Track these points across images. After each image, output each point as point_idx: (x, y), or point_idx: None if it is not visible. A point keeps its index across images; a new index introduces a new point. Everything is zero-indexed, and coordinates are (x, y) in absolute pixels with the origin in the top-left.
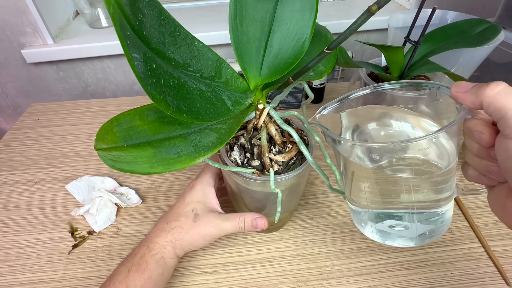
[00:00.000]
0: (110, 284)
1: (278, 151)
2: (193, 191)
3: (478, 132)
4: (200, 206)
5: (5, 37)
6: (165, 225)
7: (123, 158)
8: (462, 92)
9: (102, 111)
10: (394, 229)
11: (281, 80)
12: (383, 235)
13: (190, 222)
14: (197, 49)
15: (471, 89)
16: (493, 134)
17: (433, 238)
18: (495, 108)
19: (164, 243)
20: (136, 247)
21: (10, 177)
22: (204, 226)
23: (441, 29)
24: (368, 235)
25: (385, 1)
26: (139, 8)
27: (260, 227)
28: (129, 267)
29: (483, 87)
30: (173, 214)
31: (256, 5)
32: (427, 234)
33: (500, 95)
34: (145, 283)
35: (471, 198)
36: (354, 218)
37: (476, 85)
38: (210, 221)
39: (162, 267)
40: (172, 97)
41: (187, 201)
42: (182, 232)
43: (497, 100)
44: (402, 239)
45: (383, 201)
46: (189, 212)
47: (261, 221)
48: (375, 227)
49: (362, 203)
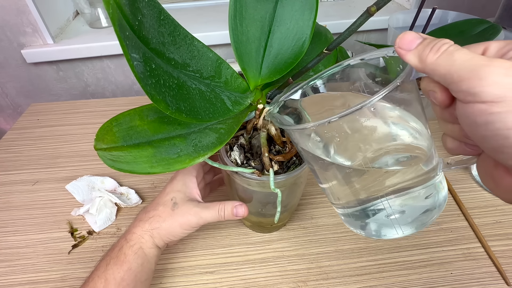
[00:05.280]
0: (89, 280)
1: (277, 151)
2: (174, 181)
3: (431, 92)
4: (179, 195)
5: (5, 37)
6: (144, 215)
7: (122, 158)
8: (405, 49)
9: (101, 111)
10: (390, 218)
11: (281, 80)
12: (382, 229)
13: (168, 211)
14: (197, 49)
15: (416, 49)
16: (446, 91)
17: (434, 217)
18: (439, 75)
19: (141, 232)
20: (116, 241)
21: (10, 177)
22: (182, 214)
23: (441, 29)
24: (368, 234)
25: (384, 2)
26: (139, 8)
27: (241, 214)
28: (108, 261)
29: (426, 50)
30: (153, 204)
31: (256, 5)
32: (427, 213)
33: (442, 59)
34: (125, 275)
35: (471, 198)
36: (348, 222)
37: (422, 44)
38: (188, 210)
39: (142, 257)
40: (172, 97)
41: (167, 191)
42: (160, 221)
43: (439, 65)
44: (403, 227)
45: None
46: (168, 201)
47: (241, 208)
48: (372, 224)
49: (350, 203)
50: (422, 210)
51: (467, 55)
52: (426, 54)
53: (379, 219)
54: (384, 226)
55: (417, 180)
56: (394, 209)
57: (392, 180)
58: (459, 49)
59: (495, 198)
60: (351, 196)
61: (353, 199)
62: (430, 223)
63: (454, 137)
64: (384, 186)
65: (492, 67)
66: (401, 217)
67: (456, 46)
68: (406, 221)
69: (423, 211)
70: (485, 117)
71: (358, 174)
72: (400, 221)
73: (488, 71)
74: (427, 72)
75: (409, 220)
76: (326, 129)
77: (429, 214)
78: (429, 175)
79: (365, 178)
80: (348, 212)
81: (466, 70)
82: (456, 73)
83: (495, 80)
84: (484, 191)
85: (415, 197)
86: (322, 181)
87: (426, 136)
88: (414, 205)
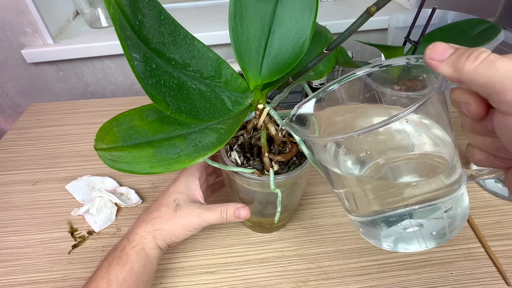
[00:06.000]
0: (92, 280)
1: (278, 151)
2: (177, 182)
3: (464, 104)
4: (182, 197)
5: (5, 37)
6: (146, 216)
7: (123, 158)
8: (437, 60)
9: (102, 111)
10: (407, 231)
11: (281, 80)
12: (404, 242)
13: (171, 212)
14: (197, 49)
15: (449, 59)
16: (481, 103)
17: (456, 230)
18: (479, 84)
19: (144, 233)
20: (118, 241)
21: (10, 177)
22: (185, 216)
23: (441, 29)
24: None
25: (384, 2)
26: (139, 8)
27: (243, 216)
28: (110, 261)
29: (461, 59)
30: (156, 205)
31: (256, 5)
32: (449, 225)
33: (482, 68)
34: (127, 276)
35: (472, 198)
36: (367, 235)
37: (456, 53)
38: (191, 211)
39: (144, 258)
40: (172, 97)
41: (170, 192)
42: (162, 222)
43: (478, 74)
44: (426, 240)
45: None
46: (170, 202)
47: (244, 210)
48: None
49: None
50: (445, 223)
51: (510, 65)
52: (462, 63)
53: (399, 231)
54: (406, 238)
55: (440, 192)
56: (415, 222)
57: (413, 191)
58: (500, 58)
59: (496, 198)
60: (368, 205)
61: (371, 209)
62: (452, 236)
63: (483, 149)
64: (405, 197)
65: None
66: (423, 230)
67: (496, 55)
68: (429, 234)
69: (445, 224)
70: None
71: (378, 184)
72: (423, 233)
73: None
74: (463, 82)
75: (433, 233)
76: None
77: (451, 227)
78: (452, 188)
79: (384, 188)
80: (366, 221)
81: (510, 80)
82: (499, 83)
83: None
84: (484, 191)
85: (436, 209)
86: (338, 188)
87: (452, 148)
88: (436, 217)
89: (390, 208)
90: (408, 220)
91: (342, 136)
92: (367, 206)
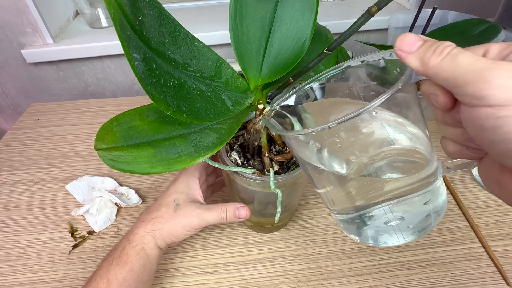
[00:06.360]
0: (92, 280)
1: (278, 151)
2: (177, 182)
3: (433, 95)
4: (182, 197)
5: (5, 37)
6: (146, 216)
7: (123, 158)
8: (406, 52)
9: (102, 111)
10: (390, 224)
11: (281, 80)
12: (383, 236)
13: (171, 212)
14: (197, 49)
15: (417, 52)
16: (448, 94)
17: (434, 223)
18: (443, 78)
19: (143, 233)
20: (118, 241)
21: (10, 177)
22: (184, 216)
23: (441, 29)
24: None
25: (385, 3)
26: (140, 8)
27: (243, 216)
28: (110, 261)
29: (428, 53)
30: (155, 205)
31: (256, 5)
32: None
33: (446, 63)
34: (127, 276)
35: (472, 198)
36: (347, 229)
37: (423, 46)
38: (191, 211)
39: (144, 258)
40: (172, 97)
41: (170, 192)
42: (162, 222)
43: (442, 68)
44: (404, 233)
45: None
46: (170, 202)
47: (243, 210)
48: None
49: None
50: (422, 216)
51: (471, 58)
52: (428, 57)
53: (378, 225)
54: (384, 233)
55: (416, 185)
56: (393, 216)
57: (390, 186)
58: (462, 51)
59: (496, 198)
60: (348, 202)
61: (350, 206)
62: (430, 229)
63: (455, 140)
64: (382, 192)
65: (497, 70)
66: (401, 224)
67: (459, 48)
68: (407, 228)
69: (423, 217)
70: (492, 121)
71: (356, 180)
72: (401, 227)
73: (494, 74)
74: (429, 76)
75: (410, 226)
76: (326, 134)
77: (429, 220)
78: (428, 180)
79: (362, 184)
80: (346, 218)
81: (471, 73)
82: (460, 77)
83: (501, 83)
84: (484, 191)
85: (414, 202)
86: (318, 187)
87: (425, 140)
88: (414, 211)
89: (369, 203)
90: (385, 214)
91: (314, 129)
92: (346, 202)
